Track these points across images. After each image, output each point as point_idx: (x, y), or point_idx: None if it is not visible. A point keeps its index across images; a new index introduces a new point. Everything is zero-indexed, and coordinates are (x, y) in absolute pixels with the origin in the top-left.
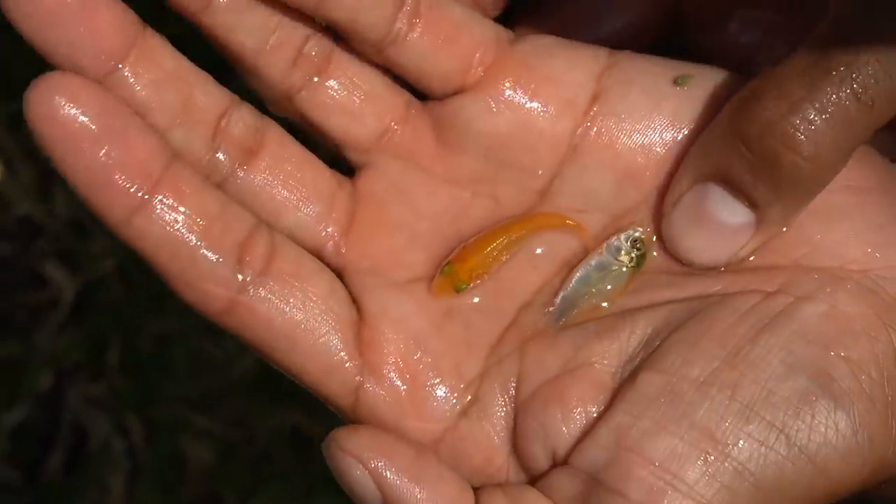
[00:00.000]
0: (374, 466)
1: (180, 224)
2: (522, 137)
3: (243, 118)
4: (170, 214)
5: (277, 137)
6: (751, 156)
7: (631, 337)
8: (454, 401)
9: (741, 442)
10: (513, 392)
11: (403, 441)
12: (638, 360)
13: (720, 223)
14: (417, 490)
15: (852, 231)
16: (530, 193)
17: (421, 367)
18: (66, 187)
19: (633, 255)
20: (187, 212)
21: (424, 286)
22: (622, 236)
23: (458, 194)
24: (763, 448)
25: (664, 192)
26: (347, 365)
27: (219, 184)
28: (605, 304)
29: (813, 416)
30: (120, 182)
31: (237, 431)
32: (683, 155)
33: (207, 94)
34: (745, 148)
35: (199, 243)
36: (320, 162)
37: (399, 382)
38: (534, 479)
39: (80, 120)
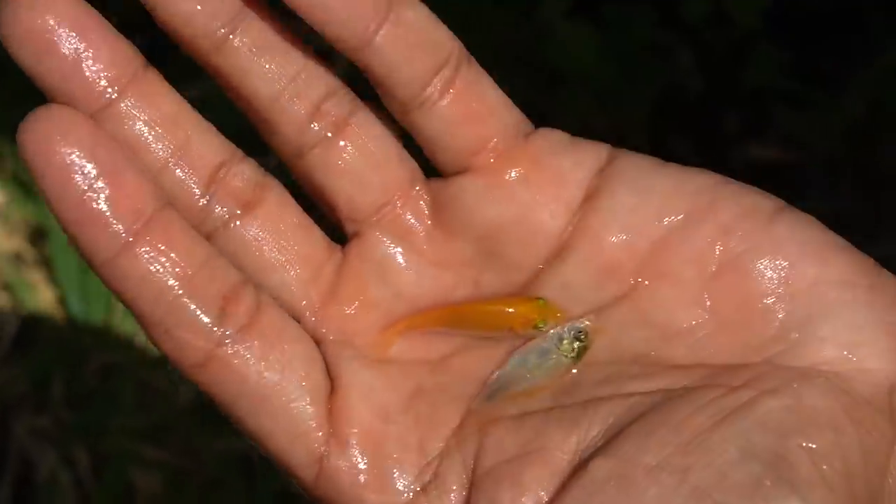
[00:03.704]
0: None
1: (165, 269)
2: (518, 231)
3: (243, 172)
4: (155, 258)
5: (277, 196)
6: None
7: (591, 427)
8: (415, 477)
9: None
10: (471, 470)
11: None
12: (595, 448)
13: None
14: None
15: (831, 330)
16: (513, 285)
17: (386, 441)
18: (3, 218)
19: (574, 346)
20: (174, 258)
21: (397, 367)
22: (566, 327)
23: (442, 277)
24: None
25: (645, 285)
26: (315, 434)
27: (209, 233)
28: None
29: (767, 501)
30: (107, 220)
31: (185, 460)
32: (667, 250)
33: (206, 142)
34: None
35: (182, 291)
36: (316, 227)
37: (363, 456)
38: None
39: (73, 156)
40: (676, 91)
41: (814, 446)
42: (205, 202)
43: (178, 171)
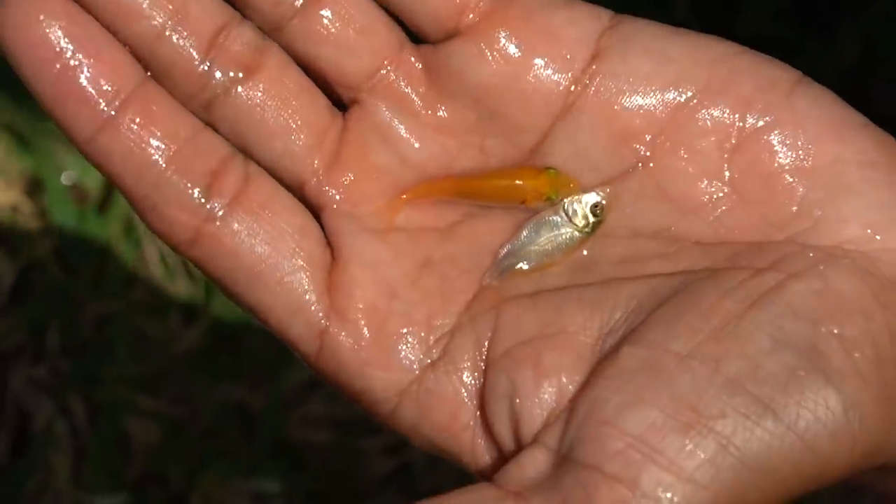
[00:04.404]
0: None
1: (148, 145)
2: (515, 90)
3: (243, 35)
4: (137, 134)
5: (278, 60)
6: None
7: (614, 309)
8: (422, 353)
9: (726, 416)
10: (485, 350)
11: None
12: (619, 334)
13: None
14: None
15: (854, 209)
16: (520, 149)
17: (391, 315)
18: None
19: (588, 220)
20: (156, 133)
21: (404, 235)
22: (582, 198)
23: (445, 143)
24: (748, 422)
25: (661, 155)
26: (314, 307)
27: (209, 100)
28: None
29: (802, 392)
30: (87, 96)
31: (181, 409)
32: (684, 120)
33: (204, 6)
34: None
35: (166, 167)
36: (319, 91)
37: (366, 329)
38: (496, 445)
39: (50, 32)
40: None
41: (845, 333)
42: (205, 68)
43: (175, 37)
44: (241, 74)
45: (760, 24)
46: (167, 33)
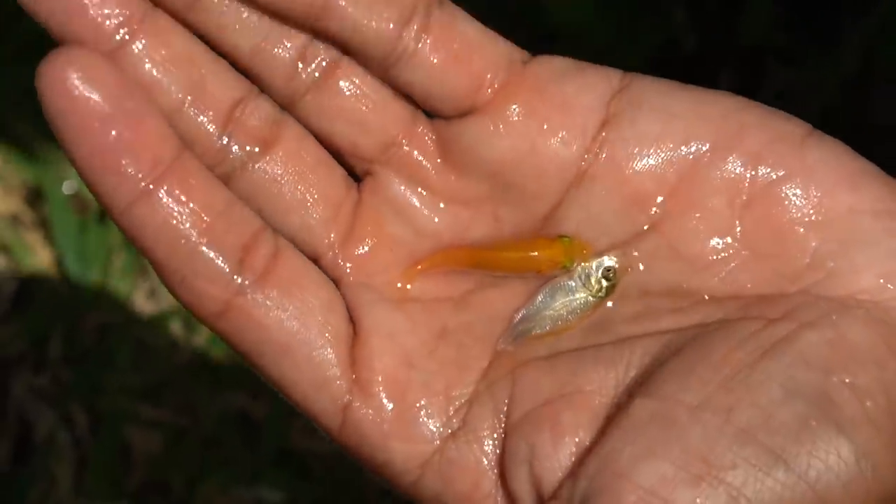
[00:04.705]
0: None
1: (184, 218)
2: (530, 163)
3: (260, 109)
4: (174, 206)
5: (295, 133)
6: None
7: (629, 367)
8: (443, 423)
9: (736, 467)
10: (503, 416)
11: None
12: (633, 388)
13: None
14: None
15: (868, 259)
16: (533, 217)
17: (411, 386)
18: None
19: (602, 284)
20: (192, 206)
21: (419, 306)
22: (594, 263)
23: (459, 213)
24: (759, 473)
25: (673, 216)
26: (339, 382)
27: (227, 175)
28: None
29: (813, 442)
30: (126, 167)
31: (183, 418)
32: (694, 179)
33: (221, 80)
34: None
35: (200, 240)
36: (335, 163)
37: (388, 402)
38: None
39: (93, 98)
40: (671, 48)
41: (857, 382)
42: (223, 143)
43: (193, 111)
44: (258, 149)
45: (760, 32)
46: (185, 108)
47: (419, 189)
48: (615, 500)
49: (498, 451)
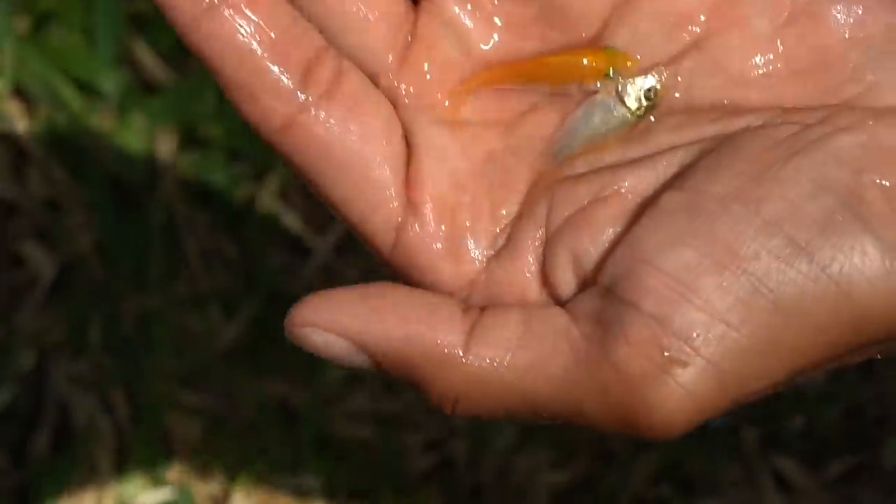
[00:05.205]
0: (331, 323)
1: (250, 31)
2: None
3: None
4: (240, 20)
5: None
6: None
7: (668, 167)
8: (489, 243)
9: (760, 257)
10: (543, 228)
11: (350, 287)
12: (668, 184)
13: None
14: (383, 323)
15: None
16: (581, 41)
17: (460, 208)
18: (40, 166)
19: (642, 102)
20: (258, 20)
21: (470, 128)
22: (637, 81)
23: (509, 36)
24: (783, 264)
25: (717, 34)
26: (393, 203)
27: None
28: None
29: (839, 236)
30: None
31: (223, 406)
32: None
33: None
34: None
35: (266, 54)
36: None
37: (438, 223)
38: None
39: None
40: None
41: (888, 183)
42: None
43: None
44: None
45: None
46: None
47: (473, 10)
48: (638, 285)
49: (541, 264)
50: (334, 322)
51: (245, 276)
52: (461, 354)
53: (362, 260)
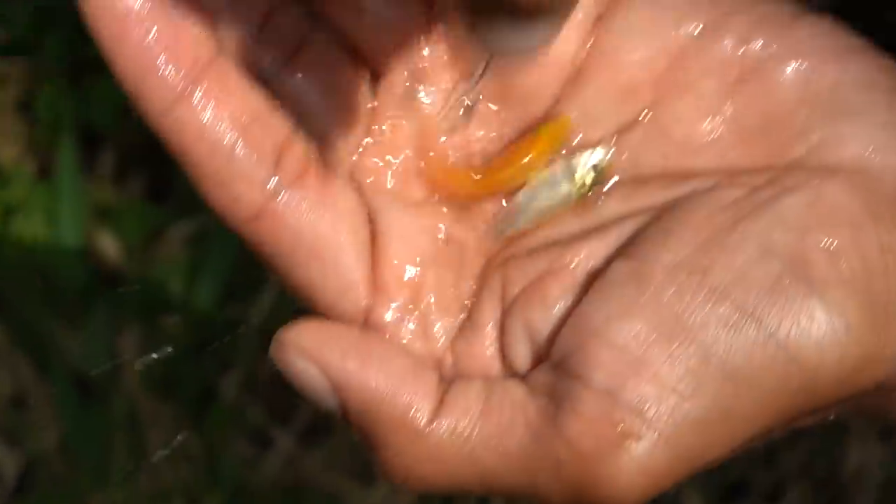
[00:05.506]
0: (316, 353)
1: (223, 118)
2: (531, 61)
3: (292, 15)
4: (213, 107)
5: (320, 39)
6: None
7: (618, 238)
8: (454, 320)
9: (709, 325)
10: (500, 304)
11: (345, 325)
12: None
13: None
14: (365, 369)
15: (854, 129)
16: (534, 117)
17: (425, 287)
18: (5, 362)
19: (586, 179)
20: (231, 106)
21: (430, 209)
22: (582, 157)
23: (467, 123)
24: (732, 332)
25: (665, 101)
26: (361, 285)
27: (258, 81)
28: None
29: (786, 301)
30: (165, 68)
31: None
32: (685, 64)
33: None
34: None
35: (238, 141)
36: (356, 68)
37: (406, 304)
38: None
39: (132, 6)
40: None
41: (832, 243)
42: (254, 50)
43: (227, 16)
44: (286, 57)
45: None
46: (220, 15)
47: (429, 93)
48: (588, 359)
49: (500, 337)
50: (322, 356)
51: (209, 469)
52: (426, 423)
53: (326, 450)
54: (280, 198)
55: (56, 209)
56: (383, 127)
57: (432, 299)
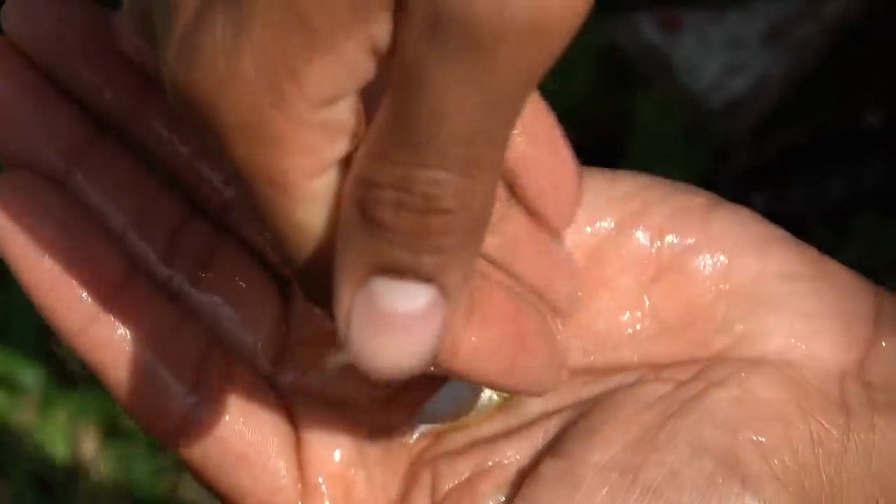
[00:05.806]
0: None
1: (140, 337)
2: None
3: (199, 229)
4: (129, 326)
5: (230, 251)
6: (396, 235)
7: (545, 435)
8: None
9: None
10: (430, 501)
11: None
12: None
13: (405, 315)
14: None
15: (777, 320)
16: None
17: (355, 486)
18: None
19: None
20: (147, 325)
21: (351, 407)
22: None
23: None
24: None
25: (585, 298)
26: (290, 489)
27: (171, 296)
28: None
29: (720, 499)
30: (79, 290)
31: None
32: (602, 260)
33: (165, 201)
34: (388, 229)
35: (157, 358)
36: (269, 280)
37: (336, 503)
38: None
39: (41, 226)
40: None
41: (763, 440)
42: (166, 266)
43: (141, 233)
44: (197, 271)
45: None
46: (130, 232)
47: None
48: None
49: None
50: None
51: None
52: None
53: None
54: (203, 410)
55: (9, 311)
56: (299, 334)
57: (363, 497)
